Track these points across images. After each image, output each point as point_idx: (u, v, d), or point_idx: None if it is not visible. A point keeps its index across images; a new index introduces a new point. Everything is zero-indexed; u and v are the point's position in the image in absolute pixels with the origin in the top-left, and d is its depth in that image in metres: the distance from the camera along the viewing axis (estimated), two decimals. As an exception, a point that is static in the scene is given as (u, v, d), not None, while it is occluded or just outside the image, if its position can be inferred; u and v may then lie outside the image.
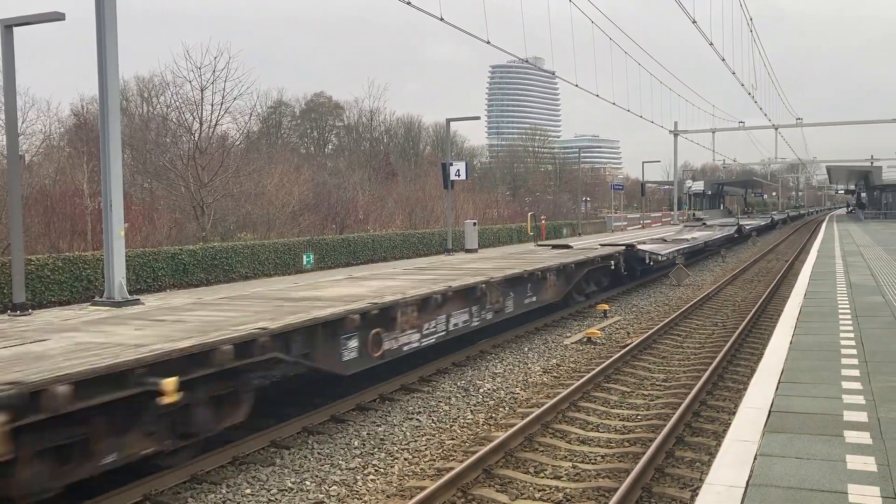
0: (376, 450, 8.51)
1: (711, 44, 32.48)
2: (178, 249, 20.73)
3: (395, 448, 8.58)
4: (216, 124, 30.90)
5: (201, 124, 29.86)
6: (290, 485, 7.47)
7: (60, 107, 77.67)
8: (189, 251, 20.78)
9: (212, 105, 29.91)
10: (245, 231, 31.36)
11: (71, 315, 10.41)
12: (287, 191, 34.24)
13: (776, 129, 66.19)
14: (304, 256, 24.43)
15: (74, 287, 17.35)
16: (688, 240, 31.09)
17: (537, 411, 9.24)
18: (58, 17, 14.00)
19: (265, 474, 7.70)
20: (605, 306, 18.12)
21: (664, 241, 29.05)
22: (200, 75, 29.31)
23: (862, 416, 6.27)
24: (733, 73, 39.20)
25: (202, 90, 29.47)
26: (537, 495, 7.10)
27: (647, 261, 22.28)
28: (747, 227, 47.23)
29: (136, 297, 16.96)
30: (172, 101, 33.40)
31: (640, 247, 22.76)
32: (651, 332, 14.79)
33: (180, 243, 24.31)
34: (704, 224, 47.79)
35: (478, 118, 38.65)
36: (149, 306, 11.51)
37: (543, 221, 48.53)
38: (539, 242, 27.53)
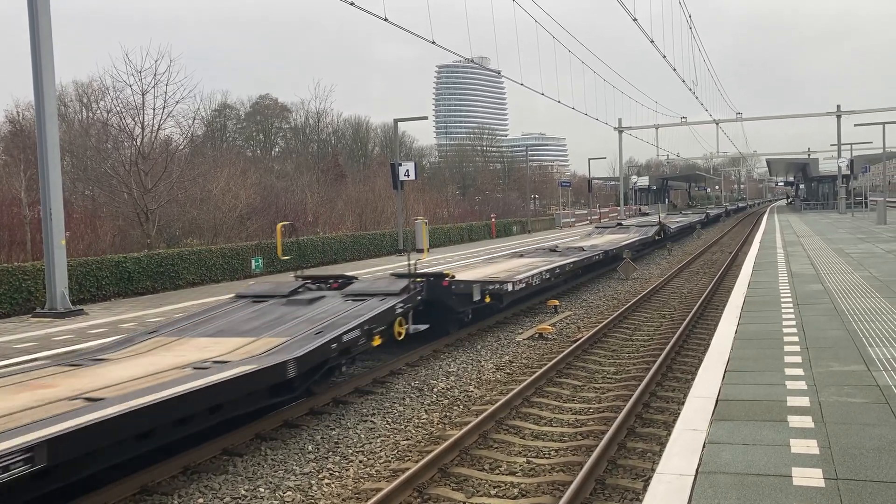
0: (331, 453, 8.45)
1: (652, 41, 33.13)
2: (122, 257, 20.29)
3: (350, 451, 8.53)
4: (159, 129, 30.25)
5: (143, 129, 29.23)
6: (243, 492, 7.36)
7: (-6, 113, 75.26)
8: (134, 259, 20.35)
9: (154, 109, 29.28)
10: (191, 237, 30.82)
11: (10, 327, 10.07)
12: (234, 195, 33.77)
13: (717, 123, 67.83)
14: (253, 261, 24.12)
15: (14, 299, 16.83)
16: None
17: (491, 408, 9.28)
18: (-12, 20, 13.55)
19: (218, 482, 7.58)
20: (556, 302, 18.30)
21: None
22: (141, 79, 28.67)
23: (804, 401, 6.47)
24: (674, 70, 40.03)
25: (143, 94, 28.83)
26: (493, 492, 7.14)
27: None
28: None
29: (79, 307, 16.60)
30: (113, 106, 32.63)
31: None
32: (601, 326, 14.98)
33: (124, 251, 23.79)
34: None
35: (425, 118, 38.84)
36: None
37: (493, 219, 48.83)
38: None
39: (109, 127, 32.74)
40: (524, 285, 15.87)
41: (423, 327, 12.66)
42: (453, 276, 14.19)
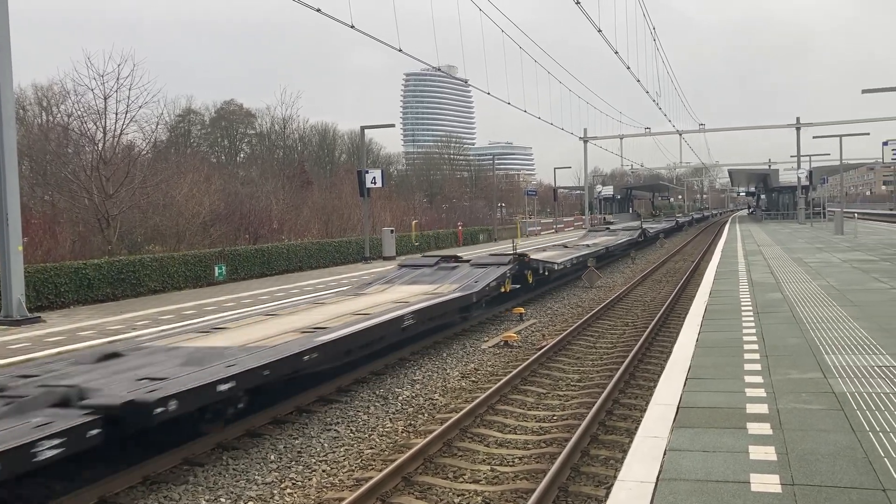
0: (293, 463, 8.37)
1: (616, 52, 33.55)
2: (82, 264, 19.93)
3: (313, 460, 8.46)
4: (121, 134, 29.80)
5: (105, 134, 28.77)
6: (203, 502, 7.26)
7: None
8: (94, 265, 20.00)
9: (116, 114, 28.82)
10: (154, 243, 30.42)
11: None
12: (197, 201, 33.38)
13: (680, 134, 68.82)
14: (216, 268, 23.85)
15: (-32, 306, 16.41)
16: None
17: (456, 416, 9.28)
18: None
19: (178, 493, 7.47)
20: (521, 309, 18.37)
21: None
22: (103, 83, 28.23)
23: (763, 409, 6.57)
24: (638, 81, 40.55)
25: (105, 98, 28.38)
26: (457, 500, 7.12)
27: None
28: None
29: (36, 314, 16.27)
30: (74, 110, 32.06)
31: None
32: (565, 333, 15.07)
33: (84, 257, 23.38)
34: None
35: (392, 126, 38.75)
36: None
37: (460, 227, 48.92)
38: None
39: (70, 131, 32.14)
40: None
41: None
42: None
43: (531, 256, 21.10)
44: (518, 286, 19.67)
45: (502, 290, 18.08)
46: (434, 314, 14.11)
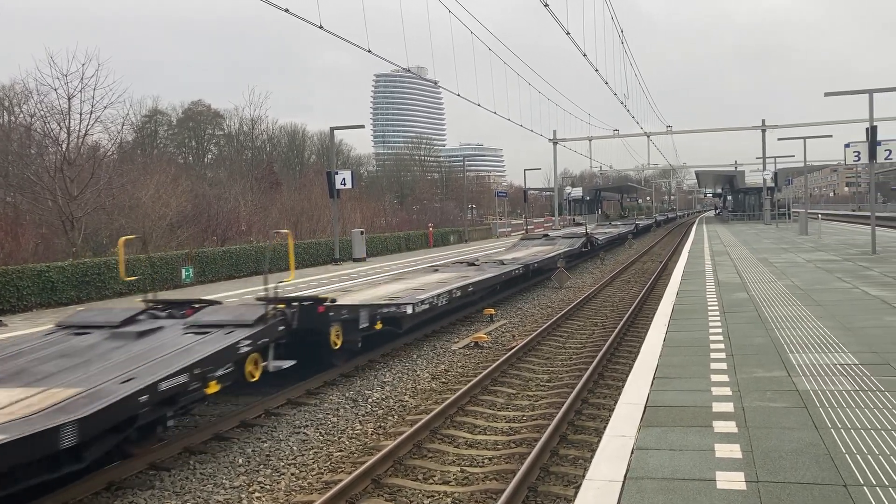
0: (262, 466, 8.30)
1: (585, 55, 33.77)
2: (45, 266, 19.57)
3: (282, 463, 8.40)
4: (86, 134, 29.34)
5: (69, 134, 28.30)
6: (170, 508, 7.16)
7: None
8: (58, 268, 19.66)
9: (80, 114, 28.37)
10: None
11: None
12: (164, 203, 32.98)
13: (648, 136, 69.51)
14: (183, 270, 23.58)
15: (-73, 310, 16.05)
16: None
17: (426, 418, 9.27)
18: None
19: (144, 498, 7.36)
20: (491, 310, 18.41)
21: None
22: (67, 83, 27.78)
23: (728, 407, 6.65)
24: (606, 83, 40.87)
25: (69, 98, 27.92)
26: (426, 502, 7.11)
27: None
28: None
29: (-3, 318, 15.90)
30: (37, 111, 31.48)
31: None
32: (535, 334, 15.13)
33: (48, 260, 22.97)
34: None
35: (362, 126, 38.51)
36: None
37: (431, 229, 48.90)
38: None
39: (33, 132, 31.58)
40: None
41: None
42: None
43: (341, 301, 13.09)
44: (294, 362, 10.76)
45: (209, 390, 8.84)
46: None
